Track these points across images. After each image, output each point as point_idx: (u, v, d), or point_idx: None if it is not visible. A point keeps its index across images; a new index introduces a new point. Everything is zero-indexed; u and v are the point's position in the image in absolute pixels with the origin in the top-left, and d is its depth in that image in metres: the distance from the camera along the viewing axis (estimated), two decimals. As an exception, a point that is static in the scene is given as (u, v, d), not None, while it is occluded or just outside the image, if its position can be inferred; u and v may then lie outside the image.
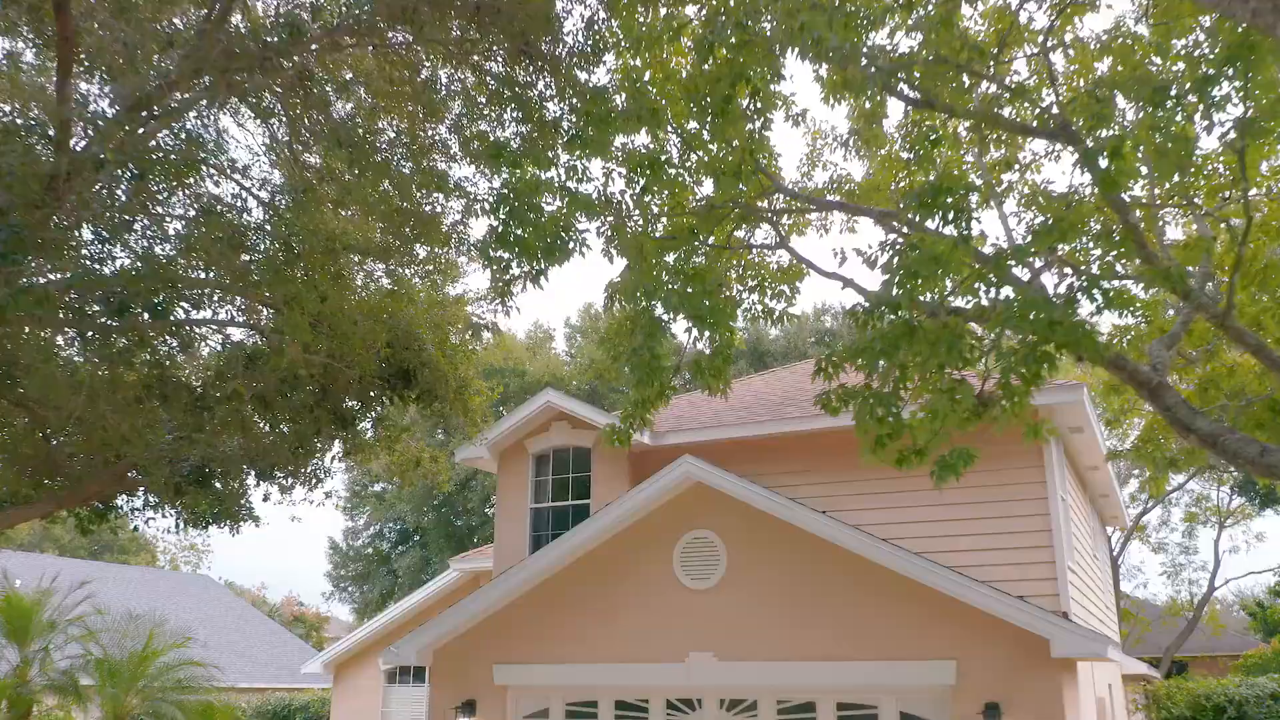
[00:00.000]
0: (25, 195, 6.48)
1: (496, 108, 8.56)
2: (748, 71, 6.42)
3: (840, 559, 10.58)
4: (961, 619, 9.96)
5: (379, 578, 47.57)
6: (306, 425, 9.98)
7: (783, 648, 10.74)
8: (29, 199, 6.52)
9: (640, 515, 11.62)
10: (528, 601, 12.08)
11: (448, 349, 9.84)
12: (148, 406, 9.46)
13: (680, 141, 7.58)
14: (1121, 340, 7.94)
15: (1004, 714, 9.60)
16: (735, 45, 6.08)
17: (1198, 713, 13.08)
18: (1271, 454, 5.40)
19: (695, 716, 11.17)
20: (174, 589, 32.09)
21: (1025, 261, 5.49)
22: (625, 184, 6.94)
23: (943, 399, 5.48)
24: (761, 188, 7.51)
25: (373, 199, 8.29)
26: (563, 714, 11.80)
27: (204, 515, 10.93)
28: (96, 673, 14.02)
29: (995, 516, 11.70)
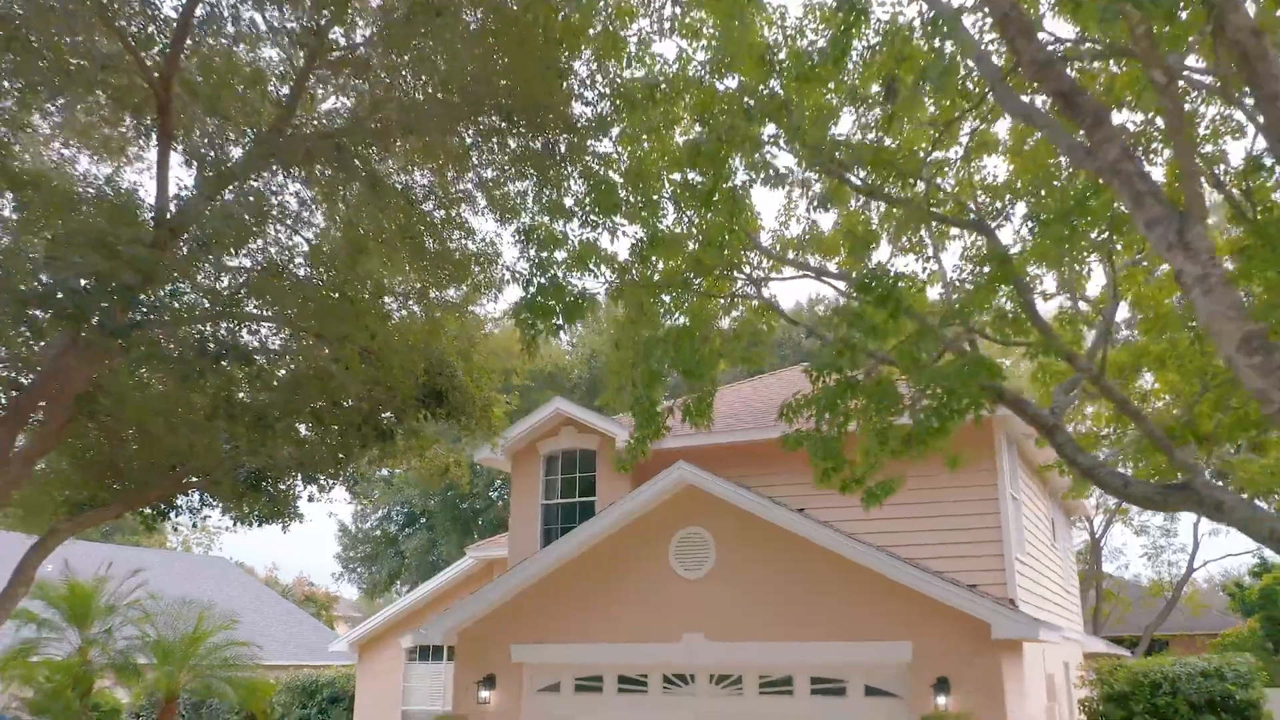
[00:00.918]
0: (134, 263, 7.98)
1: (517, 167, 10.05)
2: (729, 158, 7.92)
3: (815, 553, 12.13)
4: (918, 605, 11.54)
5: (386, 559, 49.22)
6: (351, 438, 11.51)
7: (765, 630, 12.32)
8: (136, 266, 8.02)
9: (639, 514, 13.18)
10: (540, 589, 13.66)
11: (474, 373, 11.37)
12: (215, 424, 10.97)
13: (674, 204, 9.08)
14: (1045, 379, 9.38)
15: (953, 687, 11.19)
16: (714, 146, 7.55)
17: (1135, 688, 14.66)
18: (1134, 485, 6.91)
19: (688, 690, 12.77)
20: (192, 571, 33.57)
21: (942, 334, 6.99)
22: (629, 251, 8.42)
23: (874, 439, 6.99)
24: (741, 245, 9.01)
25: (412, 249, 9.80)
26: (572, 688, 13.41)
27: (260, 515, 12.46)
28: (152, 653, 15.60)
29: (953, 515, 13.25)
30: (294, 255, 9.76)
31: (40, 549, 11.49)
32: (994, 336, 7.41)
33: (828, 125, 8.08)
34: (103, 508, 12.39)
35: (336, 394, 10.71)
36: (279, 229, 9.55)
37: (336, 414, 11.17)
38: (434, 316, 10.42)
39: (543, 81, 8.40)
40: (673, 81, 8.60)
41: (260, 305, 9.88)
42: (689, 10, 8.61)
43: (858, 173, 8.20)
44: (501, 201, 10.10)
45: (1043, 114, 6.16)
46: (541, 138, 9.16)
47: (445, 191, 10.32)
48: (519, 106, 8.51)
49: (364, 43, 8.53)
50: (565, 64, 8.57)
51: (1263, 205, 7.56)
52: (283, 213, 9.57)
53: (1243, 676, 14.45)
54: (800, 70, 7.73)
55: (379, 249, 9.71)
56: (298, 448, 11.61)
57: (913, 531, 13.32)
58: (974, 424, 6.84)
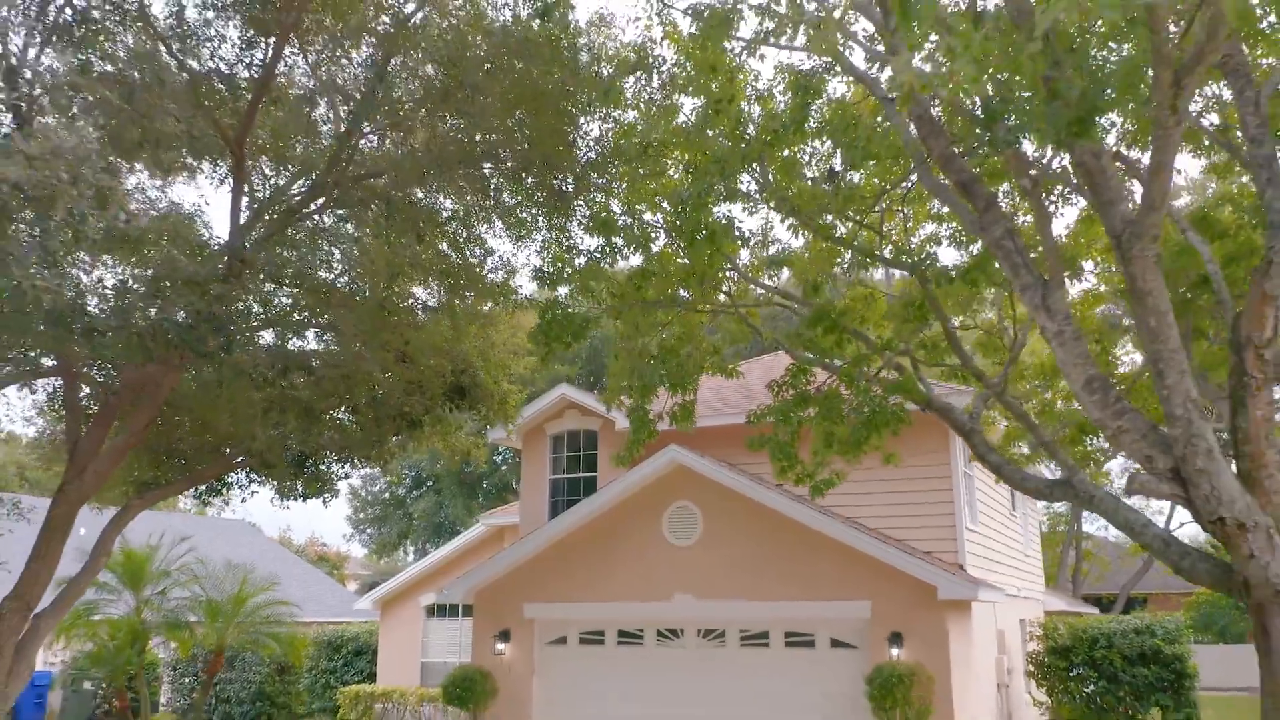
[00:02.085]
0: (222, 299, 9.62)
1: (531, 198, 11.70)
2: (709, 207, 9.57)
3: (789, 524, 13.92)
4: (876, 570, 13.35)
5: (395, 520, 51.27)
6: (386, 426, 13.24)
7: (745, 590, 14.15)
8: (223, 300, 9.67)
9: (636, 490, 14.97)
10: (549, 555, 15.49)
11: (492, 370, 13.09)
12: (270, 416, 12.69)
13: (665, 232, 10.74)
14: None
15: (905, 640, 13.03)
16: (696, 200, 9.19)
17: (1076, 642, 16.52)
18: (1029, 479, 8.63)
19: (679, 642, 14.65)
20: (215, 534, 35.40)
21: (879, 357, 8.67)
22: (626, 278, 10.09)
23: (822, 442, 8.70)
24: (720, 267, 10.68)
25: (442, 271, 11.48)
26: (577, 641, 15.29)
27: (305, 491, 14.22)
28: (202, 611, 17.46)
29: (912, 490, 15.04)
30: (341, 275, 11.43)
31: (116, 523, 13.24)
32: (921, 360, 9.12)
33: (793, 176, 9.73)
34: (167, 486, 14.17)
35: (374, 390, 12.44)
36: (330, 255, 11.23)
37: (373, 406, 12.89)
38: (458, 325, 12.09)
39: (553, 137, 10.03)
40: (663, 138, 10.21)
41: (313, 316, 11.58)
42: (679, 71, 10.21)
43: (821, 217, 9.86)
44: (517, 226, 11.77)
45: (950, 194, 7.81)
46: (552, 177, 10.80)
47: (468, 218, 11.96)
48: (535, 155, 10.15)
49: (409, 99, 10.14)
50: (570, 125, 10.19)
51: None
52: (332, 241, 11.24)
53: (1170, 633, 16.33)
54: (769, 135, 9.36)
55: (413, 270, 11.39)
56: (339, 434, 13.35)
57: (878, 505, 15.12)
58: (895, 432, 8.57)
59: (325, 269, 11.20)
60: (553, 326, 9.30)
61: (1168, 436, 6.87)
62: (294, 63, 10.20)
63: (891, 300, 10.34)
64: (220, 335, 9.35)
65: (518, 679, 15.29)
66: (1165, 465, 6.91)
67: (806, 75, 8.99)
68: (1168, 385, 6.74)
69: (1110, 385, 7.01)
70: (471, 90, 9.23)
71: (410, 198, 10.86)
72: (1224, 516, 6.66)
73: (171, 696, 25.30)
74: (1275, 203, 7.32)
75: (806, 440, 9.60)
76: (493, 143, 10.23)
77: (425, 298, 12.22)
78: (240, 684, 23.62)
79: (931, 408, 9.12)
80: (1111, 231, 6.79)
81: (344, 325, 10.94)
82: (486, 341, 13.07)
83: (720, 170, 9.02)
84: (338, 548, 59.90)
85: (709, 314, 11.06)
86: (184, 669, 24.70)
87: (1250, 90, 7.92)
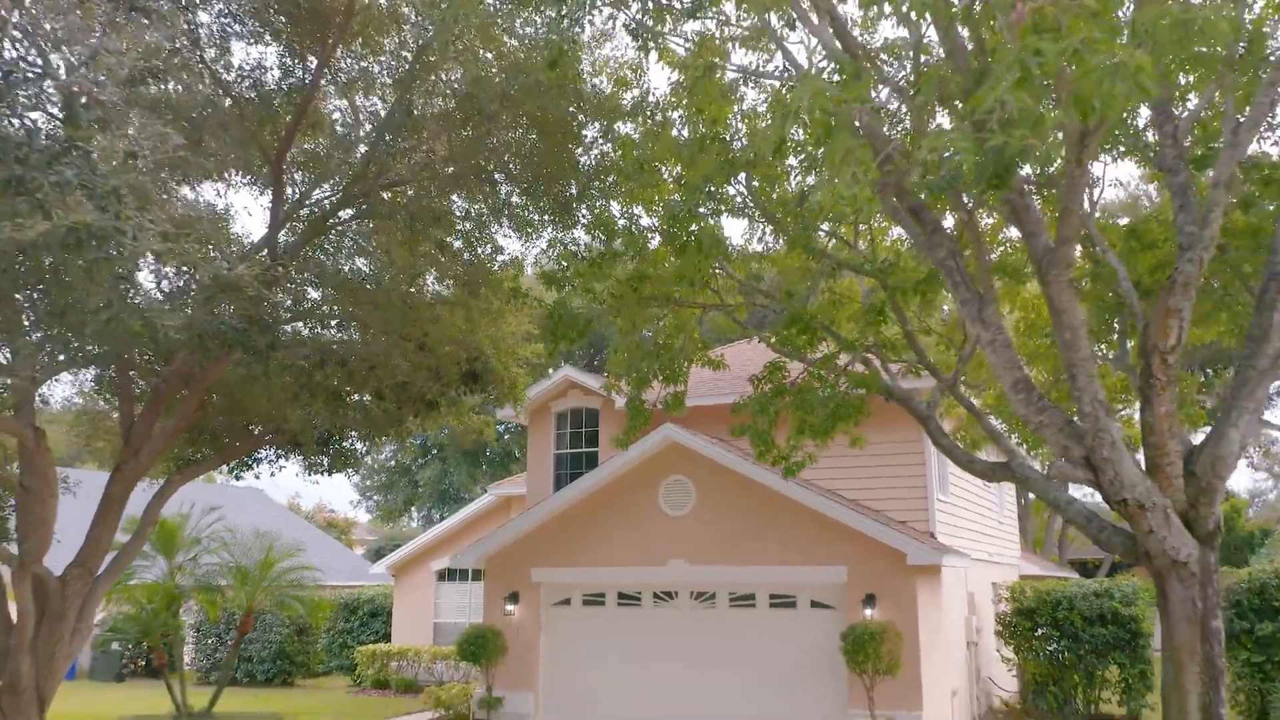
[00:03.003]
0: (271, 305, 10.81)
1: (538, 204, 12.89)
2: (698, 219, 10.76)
3: (773, 496, 15.22)
4: (852, 537, 14.68)
5: (401, 488, 52.76)
6: (405, 408, 14.49)
7: (733, 556, 15.49)
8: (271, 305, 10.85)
9: (634, 465, 16.27)
10: (554, 524, 16.82)
11: (503, 357, 14.34)
12: (300, 399, 13.94)
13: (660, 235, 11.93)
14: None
15: (877, 602, 14.38)
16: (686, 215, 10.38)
17: (1040, 604, 17.87)
18: (976, 462, 9.88)
19: (673, 603, 16.02)
20: (226, 501, 36.72)
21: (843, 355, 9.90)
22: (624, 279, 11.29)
23: (795, 428, 9.96)
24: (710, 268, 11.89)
25: (456, 273, 12.70)
26: (580, 602, 16.67)
27: (330, 466, 15.52)
28: (232, 576, 18.82)
29: (889, 465, 16.33)
30: (368, 276, 12.65)
31: (160, 496, 14.52)
32: (883, 357, 10.36)
33: (774, 188, 10.91)
34: (203, 462, 15.46)
35: (396, 376, 13.69)
36: (357, 258, 12.45)
37: (394, 390, 14.15)
38: (472, 317, 13.31)
39: (560, 155, 11.22)
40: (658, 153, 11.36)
41: (342, 312, 12.81)
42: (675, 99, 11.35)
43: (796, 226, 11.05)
44: (525, 226, 12.97)
45: (904, 217, 8.99)
46: (557, 188, 11.99)
47: (481, 220, 13.16)
48: (542, 171, 11.35)
49: (431, 122, 11.31)
50: (575, 142, 11.37)
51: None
52: (361, 245, 12.46)
53: (1127, 596, 17.68)
54: (752, 154, 10.53)
55: (433, 270, 12.63)
56: (363, 415, 14.61)
57: (858, 478, 16.42)
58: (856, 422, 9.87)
59: (354, 270, 12.40)
60: (559, 325, 10.53)
61: (1080, 429, 8.13)
62: (329, 91, 11.36)
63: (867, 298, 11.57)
64: (266, 334, 10.58)
65: (526, 637, 16.68)
66: (1079, 454, 8.17)
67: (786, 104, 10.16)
68: (1079, 387, 7.98)
69: (1034, 386, 8.27)
70: (488, 119, 10.40)
71: (431, 206, 12.04)
72: (1126, 498, 7.93)
73: (195, 656, 26.75)
74: (1186, 226, 8.53)
75: (785, 425, 10.87)
76: (505, 160, 11.41)
77: (443, 292, 13.42)
78: (261, 644, 25.08)
79: (893, 398, 10.38)
80: (1033, 258, 8.01)
81: (371, 320, 12.15)
82: (498, 331, 14.30)
83: (706, 193, 10.22)
84: (344, 514, 61.39)
85: (700, 309, 12.27)
86: (206, 630, 26.16)
87: (1170, 124, 9.12)
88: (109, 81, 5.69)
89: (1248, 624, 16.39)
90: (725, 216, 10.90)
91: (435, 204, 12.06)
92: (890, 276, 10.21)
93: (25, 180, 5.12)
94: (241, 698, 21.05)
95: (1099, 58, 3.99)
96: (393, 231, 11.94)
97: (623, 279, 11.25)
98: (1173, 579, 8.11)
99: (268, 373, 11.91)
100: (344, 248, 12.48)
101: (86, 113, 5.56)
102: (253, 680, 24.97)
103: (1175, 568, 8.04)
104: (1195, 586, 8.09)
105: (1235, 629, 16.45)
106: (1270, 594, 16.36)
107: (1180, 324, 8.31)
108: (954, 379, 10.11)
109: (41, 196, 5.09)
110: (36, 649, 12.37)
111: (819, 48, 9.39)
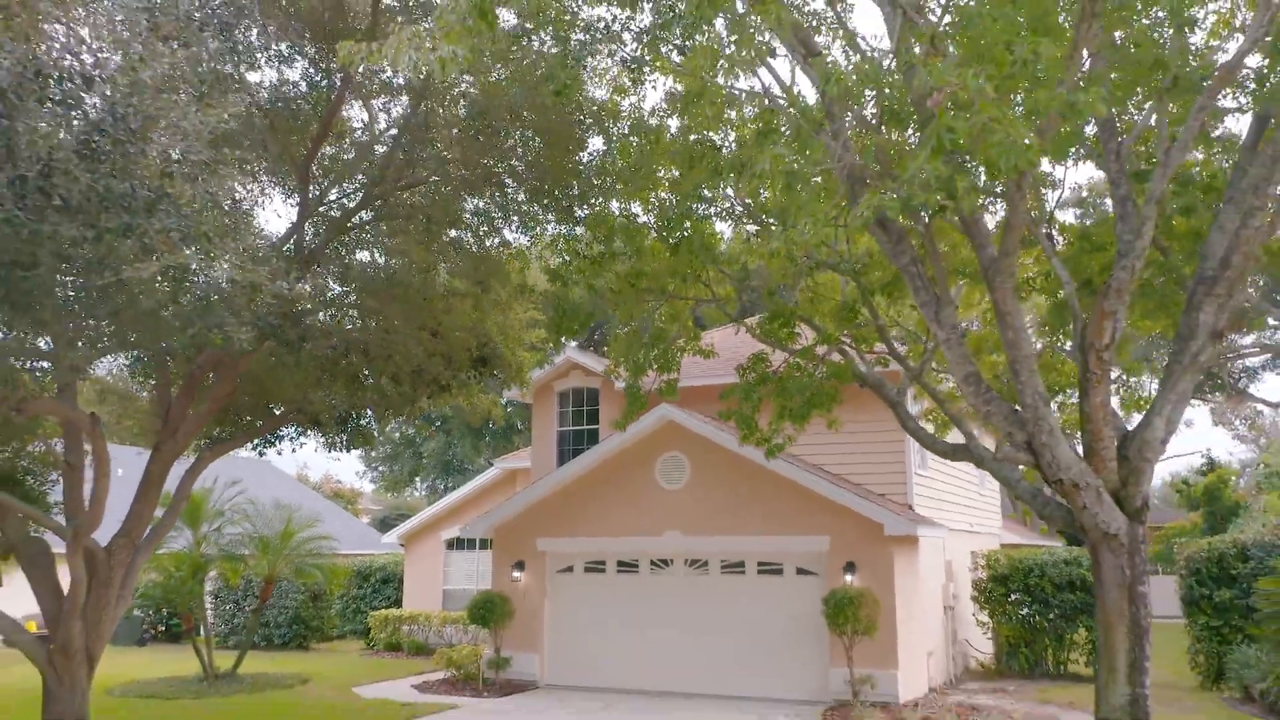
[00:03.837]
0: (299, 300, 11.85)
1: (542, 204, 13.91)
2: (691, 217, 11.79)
3: (762, 471, 16.31)
4: (834, 509, 15.82)
5: (405, 459, 54.03)
6: (419, 390, 15.58)
7: (725, 527, 16.65)
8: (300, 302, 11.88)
9: (632, 442, 17.39)
10: (558, 497, 17.97)
11: (510, 343, 15.41)
12: (322, 382, 15.02)
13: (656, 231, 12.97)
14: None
15: (857, 569, 15.54)
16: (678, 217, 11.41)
17: (1013, 571, 19.05)
18: (938, 443, 10.99)
19: (669, 571, 17.20)
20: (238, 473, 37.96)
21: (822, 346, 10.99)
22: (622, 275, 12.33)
23: (776, 413, 11.06)
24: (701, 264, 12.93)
25: (466, 269, 13.75)
26: (583, 569, 17.85)
27: (348, 443, 16.62)
28: (254, 546, 20.00)
29: (871, 441, 17.46)
30: (387, 271, 13.71)
31: (192, 471, 15.63)
32: (858, 348, 11.46)
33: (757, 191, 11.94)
34: (231, 440, 16.57)
35: (412, 362, 14.77)
36: (377, 255, 13.51)
37: (408, 374, 15.25)
38: (481, 307, 14.38)
39: (564, 162, 12.24)
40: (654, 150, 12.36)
41: (362, 302, 13.88)
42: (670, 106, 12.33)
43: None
44: (531, 223, 14.00)
45: (874, 227, 10.02)
46: (560, 188, 13.02)
47: (491, 218, 14.19)
48: (548, 176, 12.38)
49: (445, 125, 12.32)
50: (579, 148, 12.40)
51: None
52: (378, 242, 13.51)
53: (1095, 561, 18.85)
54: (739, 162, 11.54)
55: (446, 264, 13.67)
56: (379, 396, 15.71)
57: (842, 454, 17.56)
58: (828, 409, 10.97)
59: (374, 266, 13.45)
60: (563, 318, 11.63)
61: (1023, 418, 9.21)
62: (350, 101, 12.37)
63: (845, 290, 12.63)
64: (298, 327, 11.66)
65: (531, 602, 17.88)
66: (1021, 439, 9.26)
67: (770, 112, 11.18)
68: (1022, 381, 9.07)
69: (983, 380, 9.36)
70: (497, 132, 11.43)
71: (445, 207, 13.08)
72: (1062, 479, 9.04)
73: (213, 622, 28.00)
74: (1124, 235, 9.56)
75: (768, 410, 11.96)
76: (513, 164, 12.43)
77: (455, 284, 14.47)
78: (278, 609, 26.33)
79: (866, 384, 11.48)
80: (981, 266, 9.08)
81: (390, 311, 13.21)
82: (505, 319, 15.36)
83: (698, 196, 11.25)
84: (350, 485, 62.72)
85: (692, 301, 13.33)
86: (224, 597, 27.41)
87: (1113, 142, 10.14)
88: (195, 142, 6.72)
89: (1207, 591, 17.51)
90: (715, 219, 11.94)
91: (449, 204, 13.09)
92: (864, 276, 11.28)
93: (133, 227, 6.14)
94: (261, 660, 22.30)
95: (996, 134, 5.03)
96: (409, 231, 12.96)
97: (621, 274, 12.30)
98: (1104, 550, 9.23)
99: (299, 362, 12.97)
100: (364, 243, 13.50)
101: (179, 168, 6.59)
102: (270, 644, 26.23)
103: (1106, 540, 9.16)
104: (1124, 556, 9.21)
105: (1195, 595, 17.61)
106: (1228, 563, 17.47)
107: (1114, 325, 9.37)
108: (920, 369, 11.20)
109: (148, 241, 6.12)
110: (86, 614, 13.54)
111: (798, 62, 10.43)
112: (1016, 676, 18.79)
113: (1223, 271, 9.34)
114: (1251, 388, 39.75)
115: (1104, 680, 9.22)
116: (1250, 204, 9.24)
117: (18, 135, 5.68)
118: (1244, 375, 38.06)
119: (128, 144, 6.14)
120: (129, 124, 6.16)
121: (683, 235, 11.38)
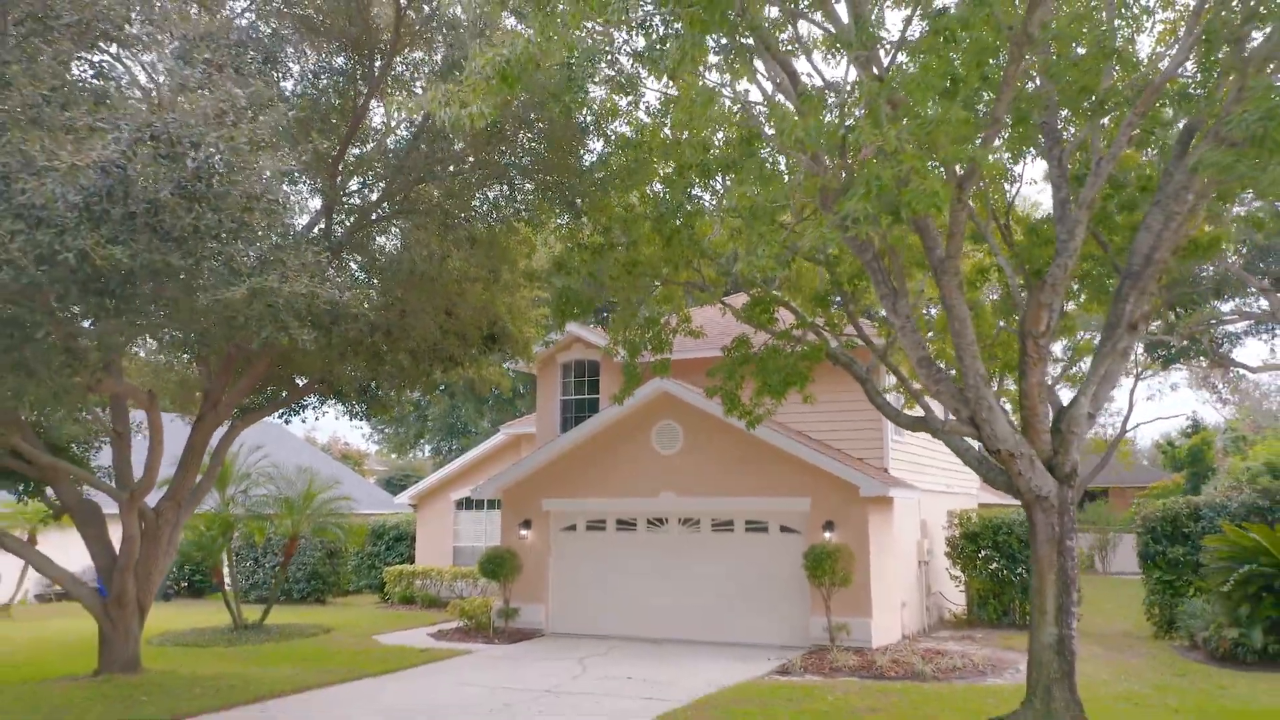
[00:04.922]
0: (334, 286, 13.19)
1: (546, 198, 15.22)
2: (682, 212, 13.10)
3: (750, 438, 17.68)
4: (815, 473, 17.26)
5: (410, 422, 55.52)
6: (434, 364, 16.98)
7: (716, 488, 18.11)
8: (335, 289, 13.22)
9: (630, 411, 18.80)
10: (561, 461, 19.43)
11: (518, 322, 16.78)
12: (345, 357, 16.39)
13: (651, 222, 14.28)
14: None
15: (836, 527, 17.01)
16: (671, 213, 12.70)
17: (983, 529, 20.51)
18: (901, 416, 12.37)
19: (664, 529, 18.71)
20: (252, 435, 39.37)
21: (798, 329, 12.40)
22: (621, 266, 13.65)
23: (757, 389, 12.47)
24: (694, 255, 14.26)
25: (478, 257, 15.09)
26: (585, 528, 19.36)
27: (367, 412, 18.04)
28: (279, 506, 21.50)
29: (852, 411, 18.82)
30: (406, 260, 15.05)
31: (226, 439, 17.10)
32: (830, 330, 12.85)
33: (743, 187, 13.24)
34: (261, 409, 18.00)
35: (428, 340, 16.16)
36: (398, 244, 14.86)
37: (425, 350, 16.63)
38: (492, 290, 15.75)
39: (568, 162, 13.56)
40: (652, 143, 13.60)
41: (384, 287, 15.23)
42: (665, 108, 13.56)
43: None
44: (537, 215, 15.32)
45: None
46: (564, 183, 14.34)
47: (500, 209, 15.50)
48: (553, 175, 13.70)
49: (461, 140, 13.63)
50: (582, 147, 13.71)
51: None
52: (398, 232, 14.84)
53: (1059, 519, 20.34)
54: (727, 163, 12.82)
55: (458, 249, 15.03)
56: (397, 370, 17.11)
57: (825, 420, 18.98)
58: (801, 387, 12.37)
59: (395, 254, 14.80)
60: (567, 304, 13.00)
61: (968, 396, 10.59)
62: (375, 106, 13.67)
63: (823, 277, 13.97)
64: (330, 313, 13.02)
65: (537, 557, 19.41)
66: (966, 415, 10.65)
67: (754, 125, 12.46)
68: (965, 365, 10.44)
69: (934, 363, 10.74)
70: (507, 141, 12.74)
71: (460, 200, 14.39)
72: (1000, 449, 10.45)
73: (235, 578, 29.60)
74: (1061, 235, 10.88)
75: (750, 386, 13.35)
76: (522, 162, 13.75)
77: (467, 269, 15.83)
78: (297, 565, 27.86)
79: (838, 362, 12.87)
80: (930, 263, 10.42)
81: (409, 295, 14.57)
82: (513, 300, 16.73)
83: (688, 195, 12.56)
84: (358, 446, 64.33)
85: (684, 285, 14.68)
86: (245, 555, 28.98)
87: (1057, 149, 11.42)
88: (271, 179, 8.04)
89: (1161, 548, 18.93)
90: (706, 212, 13.24)
91: (463, 198, 14.41)
92: (836, 267, 12.63)
93: (224, 254, 7.46)
94: (285, 613, 23.88)
95: (914, 183, 6.36)
96: (428, 224, 14.29)
97: (620, 261, 13.63)
98: (1037, 510, 10.65)
99: (330, 342, 14.35)
100: (385, 232, 14.86)
101: (258, 203, 7.92)
102: (289, 598, 27.81)
103: (1038, 501, 10.59)
104: (1054, 515, 10.64)
105: (1151, 552, 19.03)
106: (1181, 522, 18.88)
107: (1050, 315, 10.72)
108: (884, 350, 12.58)
109: (238, 265, 7.42)
110: (137, 569, 15.04)
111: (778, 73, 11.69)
112: (985, 626, 20.33)
113: (1145, 268, 10.66)
114: (1234, 353, 41.04)
115: (1035, 622, 10.70)
116: (1171, 209, 10.52)
117: (132, 181, 6.99)
118: (1225, 341, 39.39)
119: (220, 186, 7.45)
120: (221, 171, 7.46)
121: (674, 227, 12.69)
